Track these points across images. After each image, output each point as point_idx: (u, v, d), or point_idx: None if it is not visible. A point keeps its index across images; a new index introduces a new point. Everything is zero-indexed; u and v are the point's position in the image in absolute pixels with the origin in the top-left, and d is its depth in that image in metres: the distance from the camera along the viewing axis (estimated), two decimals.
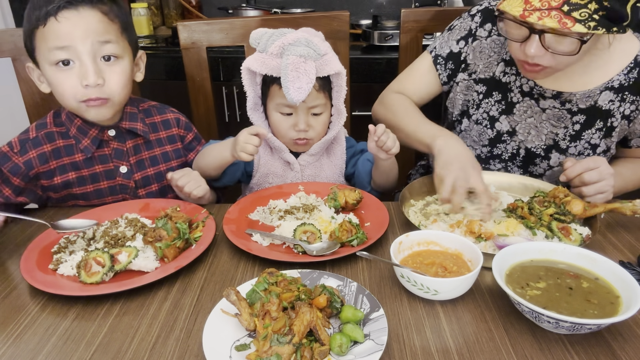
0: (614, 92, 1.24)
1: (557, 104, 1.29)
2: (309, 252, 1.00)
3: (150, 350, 0.79)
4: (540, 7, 1.04)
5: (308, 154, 1.36)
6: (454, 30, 1.41)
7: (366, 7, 2.85)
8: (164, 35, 2.70)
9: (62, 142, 1.23)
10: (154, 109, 1.35)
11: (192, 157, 1.39)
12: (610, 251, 1.03)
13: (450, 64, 1.40)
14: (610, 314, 0.78)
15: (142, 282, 0.92)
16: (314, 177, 1.38)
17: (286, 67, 1.17)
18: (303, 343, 0.74)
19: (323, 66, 1.24)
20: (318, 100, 1.28)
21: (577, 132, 1.29)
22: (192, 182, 1.22)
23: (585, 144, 1.30)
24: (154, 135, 1.33)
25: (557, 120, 1.30)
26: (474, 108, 1.40)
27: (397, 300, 0.89)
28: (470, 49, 1.37)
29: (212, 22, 1.69)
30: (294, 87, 1.17)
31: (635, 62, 1.23)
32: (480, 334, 0.80)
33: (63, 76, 1.13)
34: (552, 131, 1.31)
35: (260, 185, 1.39)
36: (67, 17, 1.09)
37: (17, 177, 1.19)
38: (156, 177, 1.32)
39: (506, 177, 1.29)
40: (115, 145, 1.26)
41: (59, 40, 1.10)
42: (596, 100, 1.26)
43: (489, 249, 1.01)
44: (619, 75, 1.24)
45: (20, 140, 1.22)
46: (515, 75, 1.32)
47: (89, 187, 1.27)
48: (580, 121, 1.28)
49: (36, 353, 0.80)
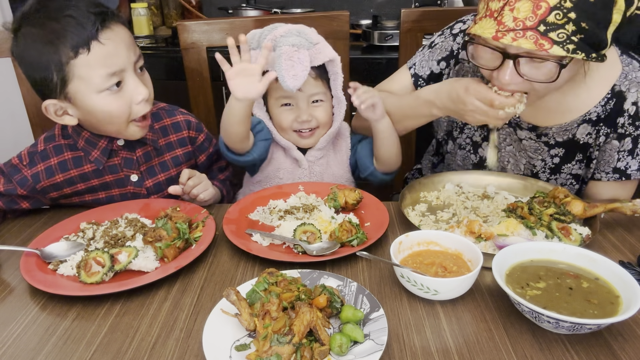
0: (592, 124, 1.18)
1: (533, 136, 1.25)
2: (309, 252, 1.00)
3: (150, 350, 0.79)
4: (515, 27, 0.95)
5: (315, 149, 1.36)
6: (435, 49, 1.35)
7: (366, 7, 2.85)
8: (164, 35, 2.70)
9: (70, 154, 1.20)
10: (163, 112, 1.33)
11: (203, 159, 1.38)
12: (610, 251, 1.03)
13: None
14: (610, 314, 0.78)
15: (142, 282, 0.92)
16: (322, 173, 1.39)
17: (280, 57, 1.19)
18: (303, 343, 0.74)
19: (316, 54, 1.25)
20: (317, 88, 1.30)
21: (556, 165, 1.26)
22: (200, 185, 1.22)
23: (567, 176, 1.27)
24: (164, 140, 1.30)
25: (533, 151, 1.26)
26: (457, 131, 1.38)
27: (397, 300, 0.89)
28: (453, 72, 1.33)
29: (212, 22, 1.69)
30: (289, 75, 1.18)
31: (612, 92, 1.15)
32: (480, 334, 0.80)
33: (112, 99, 1.08)
34: (529, 162, 1.28)
35: (272, 179, 1.39)
36: (108, 38, 1.04)
37: (25, 189, 1.19)
38: (167, 183, 1.29)
39: (506, 177, 1.29)
40: (125, 155, 1.23)
41: (108, 63, 1.05)
42: (574, 134, 1.20)
43: (489, 249, 1.01)
44: (596, 107, 1.17)
45: (29, 153, 1.21)
46: None
47: (101, 194, 1.26)
48: (559, 154, 1.24)
49: (36, 353, 0.80)
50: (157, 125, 1.29)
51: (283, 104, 1.31)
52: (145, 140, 1.24)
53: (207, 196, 1.24)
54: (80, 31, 1.01)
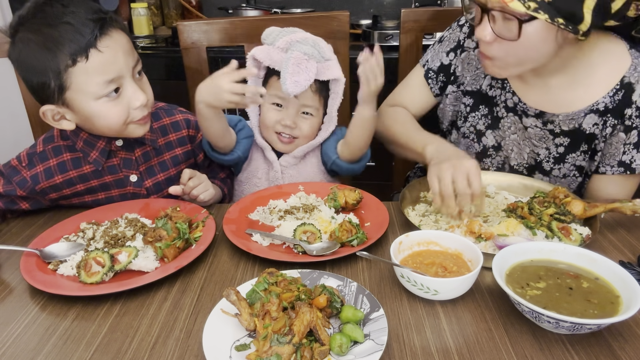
0: (599, 115, 1.19)
1: (539, 123, 1.25)
2: (309, 252, 1.00)
3: (150, 350, 0.79)
4: None
5: (290, 156, 1.36)
6: (444, 42, 1.39)
7: (366, 7, 2.85)
8: (164, 35, 2.70)
9: (69, 155, 1.20)
10: (162, 112, 1.32)
11: (202, 158, 1.38)
12: (610, 251, 1.02)
13: (442, 77, 1.40)
14: (610, 314, 0.78)
15: (142, 282, 0.92)
16: (295, 177, 1.38)
17: (288, 60, 1.20)
18: (303, 343, 0.74)
19: (324, 70, 1.26)
20: (311, 101, 1.29)
21: (561, 155, 1.26)
22: (201, 186, 1.22)
23: (571, 167, 1.27)
24: (163, 140, 1.30)
25: (538, 140, 1.27)
26: (462, 120, 1.39)
27: (397, 300, 0.89)
28: (459, 60, 1.36)
29: (212, 22, 1.69)
30: (291, 80, 1.19)
31: (622, 84, 1.16)
32: (480, 334, 0.80)
33: (110, 105, 1.08)
34: (533, 150, 1.29)
35: (250, 179, 1.40)
36: (107, 46, 1.03)
37: (24, 190, 1.19)
38: (167, 182, 1.29)
39: (506, 177, 1.29)
40: (124, 155, 1.23)
41: (107, 70, 1.04)
42: (580, 124, 1.21)
43: (489, 249, 1.01)
44: (604, 98, 1.17)
45: (28, 154, 1.21)
46: (500, 89, 1.30)
47: (100, 195, 1.26)
48: (564, 143, 1.25)
49: (36, 353, 0.80)
50: (156, 125, 1.29)
51: (274, 103, 1.31)
52: (144, 140, 1.24)
53: (208, 197, 1.24)
54: (79, 39, 1.00)
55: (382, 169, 2.04)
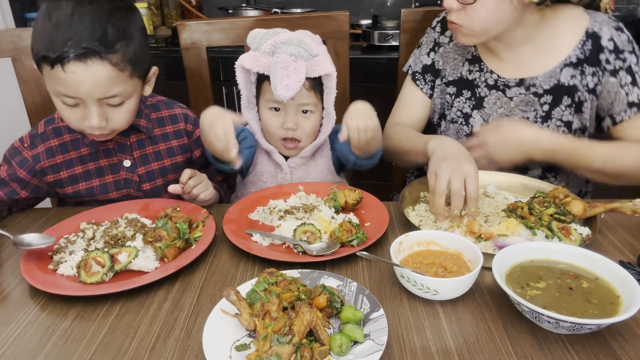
0: (573, 67, 1.27)
1: (522, 90, 1.32)
2: (309, 252, 1.00)
3: (150, 350, 0.79)
4: None
5: (298, 157, 1.36)
6: (422, 46, 1.49)
7: (366, 7, 2.85)
8: (164, 35, 2.70)
9: (69, 136, 1.24)
10: (162, 104, 1.36)
11: (198, 154, 1.39)
12: (610, 251, 1.03)
13: (429, 76, 1.46)
14: (610, 314, 0.78)
15: (142, 282, 0.92)
16: (303, 178, 1.38)
17: (276, 65, 1.18)
18: (303, 343, 0.74)
19: (314, 67, 1.24)
20: (308, 99, 1.29)
21: (546, 113, 1.31)
22: (201, 185, 1.22)
23: (558, 122, 1.31)
24: (160, 130, 1.32)
25: (525, 105, 1.33)
26: (448, 108, 1.44)
27: (397, 300, 0.89)
28: (439, 55, 1.45)
29: (212, 22, 1.69)
30: (282, 85, 1.18)
31: (587, 34, 1.26)
32: (480, 334, 0.80)
33: (66, 107, 1.10)
34: (523, 116, 1.34)
35: (256, 183, 1.39)
36: (74, 71, 1.03)
37: (24, 169, 1.22)
38: (161, 172, 1.33)
39: (506, 177, 1.28)
40: (118, 139, 1.26)
41: (66, 89, 1.05)
42: (559, 79, 1.29)
43: (489, 249, 1.01)
44: (574, 50, 1.27)
45: (30, 136, 1.25)
46: (479, 72, 1.37)
47: (95, 182, 1.28)
48: (547, 101, 1.31)
49: (36, 353, 0.80)
50: (154, 116, 1.32)
51: (272, 108, 1.30)
52: (139, 127, 1.27)
53: (208, 196, 1.24)
54: (54, 48, 1.01)
55: (382, 169, 2.04)
